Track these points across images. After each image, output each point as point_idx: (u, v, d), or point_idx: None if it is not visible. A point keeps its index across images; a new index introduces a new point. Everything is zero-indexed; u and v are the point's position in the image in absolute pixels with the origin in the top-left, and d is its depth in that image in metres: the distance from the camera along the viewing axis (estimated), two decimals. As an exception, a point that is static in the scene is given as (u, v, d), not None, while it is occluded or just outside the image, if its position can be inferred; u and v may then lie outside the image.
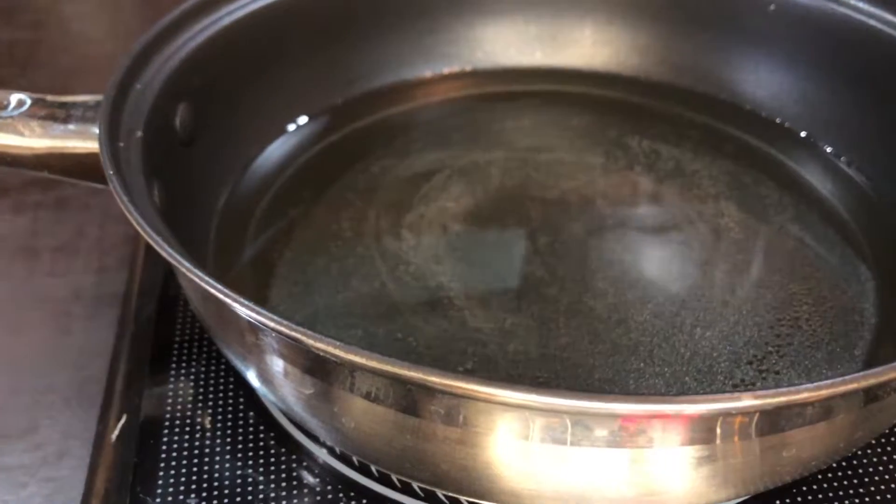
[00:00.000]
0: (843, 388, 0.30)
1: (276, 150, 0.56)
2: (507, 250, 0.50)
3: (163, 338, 0.48)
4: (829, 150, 0.57)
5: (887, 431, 0.43)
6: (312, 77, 0.58)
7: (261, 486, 0.41)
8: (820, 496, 0.41)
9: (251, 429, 0.44)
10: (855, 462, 0.42)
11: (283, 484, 0.41)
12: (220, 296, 0.33)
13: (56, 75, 0.80)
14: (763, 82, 0.60)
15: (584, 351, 0.44)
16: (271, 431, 0.43)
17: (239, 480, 0.41)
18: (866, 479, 0.41)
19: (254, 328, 0.35)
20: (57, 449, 0.48)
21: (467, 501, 0.40)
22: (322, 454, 0.42)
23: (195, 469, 0.42)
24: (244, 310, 0.32)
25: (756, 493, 0.40)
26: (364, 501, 0.41)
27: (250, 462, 0.42)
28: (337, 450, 0.42)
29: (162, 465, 0.42)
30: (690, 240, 0.51)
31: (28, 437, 0.49)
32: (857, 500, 0.40)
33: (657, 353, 0.44)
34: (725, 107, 0.61)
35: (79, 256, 0.60)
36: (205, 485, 0.41)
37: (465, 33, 0.63)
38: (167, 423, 0.44)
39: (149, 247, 0.43)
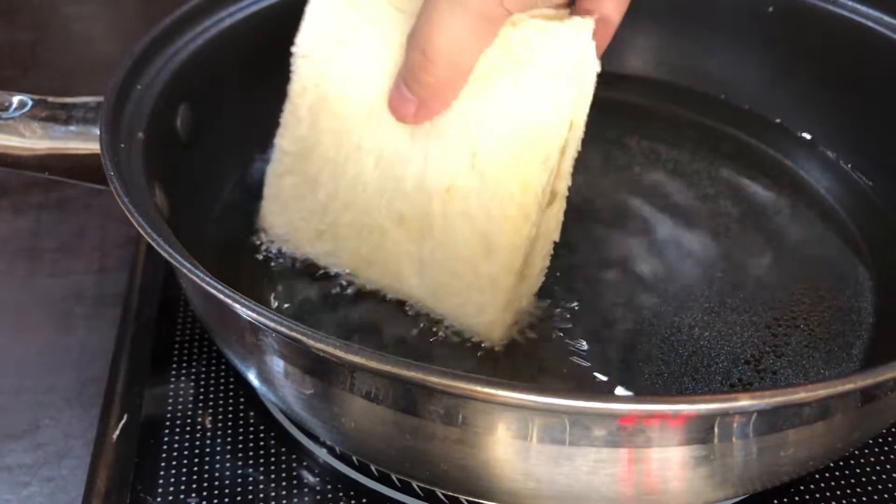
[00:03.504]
0: (840, 389, 0.30)
1: (276, 151, 0.56)
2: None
3: (163, 338, 0.48)
4: (827, 150, 0.57)
5: (885, 431, 0.44)
6: (312, 78, 0.58)
7: (261, 486, 0.41)
8: (818, 496, 0.41)
9: (251, 429, 0.44)
10: (853, 462, 0.42)
11: (284, 483, 0.41)
12: (221, 296, 0.33)
13: (57, 76, 0.80)
14: (762, 83, 0.60)
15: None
16: (271, 431, 0.44)
17: (239, 480, 0.41)
18: (864, 479, 0.41)
19: (254, 328, 0.35)
20: (58, 448, 0.48)
21: (466, 501, 0.40)
22: (322, 454, 0.43)
23: (196, 468, 0.42)
24: (244, 310, 0.32)
25: (754, 492, 0.40)
26: (364, 501, 0.41)
27: (250, 462, 0.42)
28: (337, 449, 0.42)
29: (162, 464, 0.42)
30: (689, 240, 0.51)
31: (29, 436, 0.49)
32: (854, 500, 0.41)
33: (655, 352, 0.44)
34: (724, 107, 0.61)
35: (80, 257, 0.60)
36: (205, 484, 0.41)
37: (464, 34, 0.63)
38: (168, 423, 0.44)
39: (149, 247, 0.44)
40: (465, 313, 0.41)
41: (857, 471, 0.42)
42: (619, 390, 0.42)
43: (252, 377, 0.40)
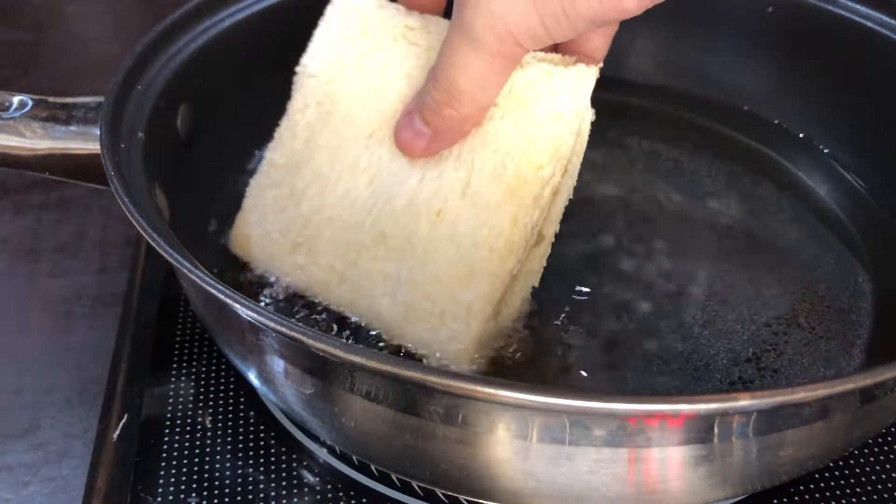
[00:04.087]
0: (840, 389, 0.30)
1: (276, 151, 0.56)
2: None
3: (164, 338, 0.48)
4: (826, 151, 0.57)
5: (885, 431, 0.44)
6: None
7: (261, 486, 0.41)
8: (817, 495, 0.41)
9: (252, 428, 0.44)
10: (852, 461, 0.42)
11: (284, 483, 0.41)
12: (221, 296, 0.33)
13: (57, 77, 0.80)
14: (761, 84, 0.60)
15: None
16: (272, 431, 0.44)
17: (239, 480, 0.41)
18: (863, 479, 0.41)
19: (254, 328, 0.35)
20: (58, 448, 0.48)
21: (466, 500, 0.40)
22: (322, 453, 0.43)
23: (196, 468, 0.42)
24: (244, 310, 0.32)
25: (753, 492, 0.40)
26: (364, 500, 0.41)
27: (251, 461, 0.42)
28: (337, 449, 0.43)
29: (163, 464, 0.42)
30: (689, 239, 0.51)
31: (29, 436, 0.49)
32: (854, 500, 0.41)
33: (655, 351, 0.44)
34: (724, 108, 0.61)
35: (80, 257, 0.60)
36: (205, 484, 0.41)
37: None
38: (168, 423, 0.44)
39: (150, 247, 0.44)
40: (436, 339, 0.41)
41: (857, 471, 0.42)
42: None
43: (252, 377, 0.40)
